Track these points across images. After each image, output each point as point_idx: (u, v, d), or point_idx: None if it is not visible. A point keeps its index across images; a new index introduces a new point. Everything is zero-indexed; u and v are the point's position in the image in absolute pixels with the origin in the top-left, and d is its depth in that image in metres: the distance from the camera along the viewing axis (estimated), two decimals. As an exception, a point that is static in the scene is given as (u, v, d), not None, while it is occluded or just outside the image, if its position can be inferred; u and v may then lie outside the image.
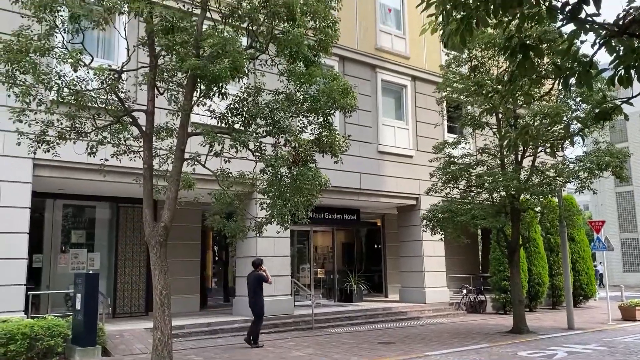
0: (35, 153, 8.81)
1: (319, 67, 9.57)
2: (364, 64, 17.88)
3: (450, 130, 19.53)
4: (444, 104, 16.57)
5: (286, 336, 12.98)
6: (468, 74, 14.32)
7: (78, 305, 10.08)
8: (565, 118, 13.07)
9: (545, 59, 10.16)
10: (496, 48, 13.06)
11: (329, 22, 9.35)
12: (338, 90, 9.36)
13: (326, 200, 15.53)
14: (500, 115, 14.20)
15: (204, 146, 8.79)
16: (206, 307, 16.85)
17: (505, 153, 14.25)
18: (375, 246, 22.84)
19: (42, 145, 8.53)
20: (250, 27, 9.08)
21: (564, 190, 15.37)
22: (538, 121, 12.89)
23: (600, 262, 32.75)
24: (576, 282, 19.69)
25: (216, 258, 19.69)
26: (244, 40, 9.23)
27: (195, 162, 8.97)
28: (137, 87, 9.15)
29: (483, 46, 13.54)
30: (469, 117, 14.53)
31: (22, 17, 7.60)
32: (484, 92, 13.04)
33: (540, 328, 14.29)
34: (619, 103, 3.60)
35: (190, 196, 10.19)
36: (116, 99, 8.68)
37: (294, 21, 8.78)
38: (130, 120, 8.98)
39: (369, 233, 23.15)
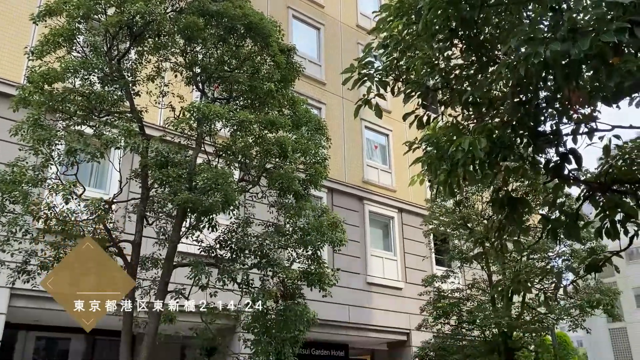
0: (13, 283, 8.53)
1: (309, 200, 9.75)
2: (352, 195, 18.27)
3: (439, 262, 19.46)
4: (431, 237, 16.70)
5: None
6: (453, 208, 14.62)
7: None
8: (551, 253, 13.16)
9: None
10: (479, 185, 13.50)
11: (318, 158, 9.70)
12: (327, 224, 9.44)
13: (313, 334, 14.90)
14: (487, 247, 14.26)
15: (189, 278, 8.59)
16: None
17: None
18: (365, 386, 21.53)
19: (22, 275, 8.30)
20: (243, 161, 9.35)
21: (556, 327, 14.98)
22: (525, 256, 12.94)
23: None
24: None
25: (194, 396, 18.35)
26: (236, 173, 9.48)
27: (179, 296, 8.68)
28: (126, 219, 9.16)
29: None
30: (457, 250, 14.58)
31: (20, 149, 7.79)
32: (469, 224, 13.26)
33: None
34: (609, 255, 3.64)
35: (171, 330, 9.73)
36: (104, 228, 8.65)
37: (286, 157, 9.10)
38: (116, 250, 8.86)
39: (358, 370, 21.94)
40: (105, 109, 8.61)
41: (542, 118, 3.39)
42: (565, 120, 3.38)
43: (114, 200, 8.70)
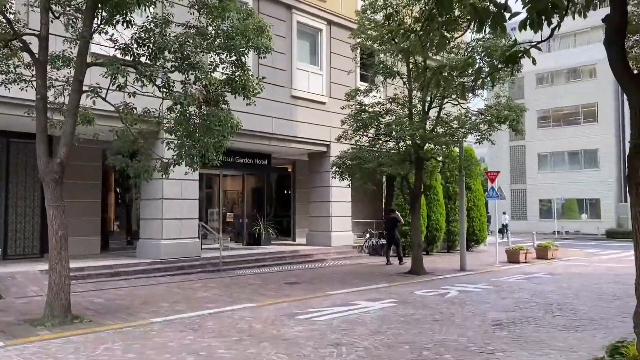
0: None
1: (233, 1, 9.15)
2: (279, 3, 17.38)
3: (363, 78, 19.71)
4: (358, 51, 16.60)
5: (192, 278, 12.89)
6: (383, 21, 14.36)
7: (-38, 247, 9.32)
8: (471, 70, 13.58)
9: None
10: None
11: (244, -48, 8.88)
12: (253, 28, 9.03)
13: (237, 143, 15.27)
14: (411, 66, 14.49)
15: (105, 78, 8.18)
16: (108, 250, 16.25)
17: (413, 103, 14.66)
18: (285, 192, 23.00)
19: None
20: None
21: (465, 141, 16.17)
22: (447, 72, 13.28)
23: (504, 212, 36.69)
24: (470, 228, 21.12)
25: (119, 200, 18.87)
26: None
27: (95, 95, 8.30)
28: (29, 9, 8.26)
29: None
30: (382, 65, 14.72)
31: None
32: (396, 40, 13.22)
33: (435, 269, 15.29)
34: (528, 47, 3.77)
35: (90, 133, 9.52)
36: (3, 20, 7.80)
37: (207, -54, 8.25)
38: (21, 45, 8.14)
39: (280, 179, 23.22)
40: None
41: None
42: None
43: (11, -14, 7.72)
